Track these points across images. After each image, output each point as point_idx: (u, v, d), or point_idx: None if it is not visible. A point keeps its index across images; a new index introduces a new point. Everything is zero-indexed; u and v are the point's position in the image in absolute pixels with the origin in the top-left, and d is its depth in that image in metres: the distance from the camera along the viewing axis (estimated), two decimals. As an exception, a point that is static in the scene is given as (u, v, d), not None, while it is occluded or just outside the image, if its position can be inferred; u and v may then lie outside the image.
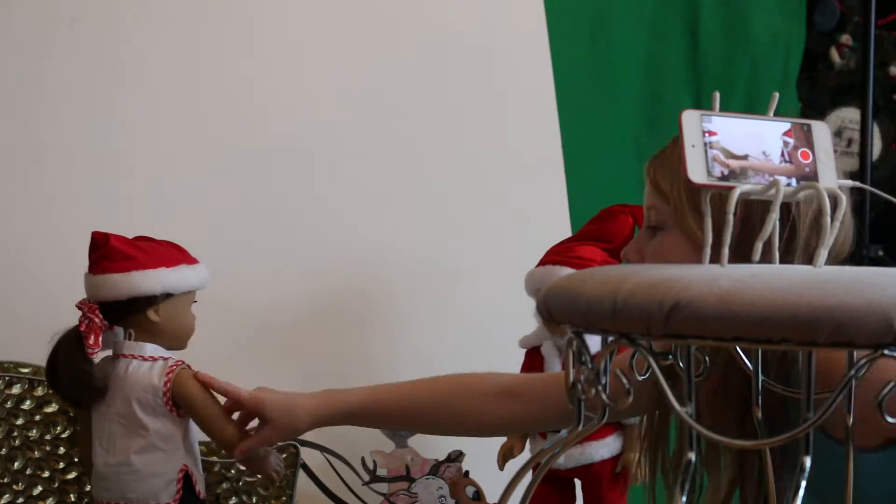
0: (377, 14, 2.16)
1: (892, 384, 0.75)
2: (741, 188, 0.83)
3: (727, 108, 0.87)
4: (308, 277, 2.06)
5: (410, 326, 2.12)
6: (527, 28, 2.29)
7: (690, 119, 0.84)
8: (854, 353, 0.74)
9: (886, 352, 0.70)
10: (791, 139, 0.88)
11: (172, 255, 1.57)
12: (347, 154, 2.10)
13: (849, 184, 0.92)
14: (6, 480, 1.66)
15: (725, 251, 0.83)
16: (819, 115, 3.04)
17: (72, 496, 1.70)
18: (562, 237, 1.84)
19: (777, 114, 0.90)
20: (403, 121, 2.16)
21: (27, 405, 1.67)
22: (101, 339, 1.51)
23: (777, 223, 0.87)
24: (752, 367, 0.88)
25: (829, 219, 0.83)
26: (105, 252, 1.54)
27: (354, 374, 2.06)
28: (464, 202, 2.18)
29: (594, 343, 1.03)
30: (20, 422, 1.67)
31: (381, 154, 2.13)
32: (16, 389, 1.67)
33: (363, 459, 1.87)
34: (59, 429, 1.69)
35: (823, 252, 0.82)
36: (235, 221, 2.01)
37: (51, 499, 1.69)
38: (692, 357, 0.84)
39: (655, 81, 2.68)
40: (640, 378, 0.85)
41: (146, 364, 1.53)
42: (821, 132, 0.89)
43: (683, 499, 0.78)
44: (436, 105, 2.19)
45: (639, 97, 2.67)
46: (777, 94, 0.93)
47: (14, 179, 1.89)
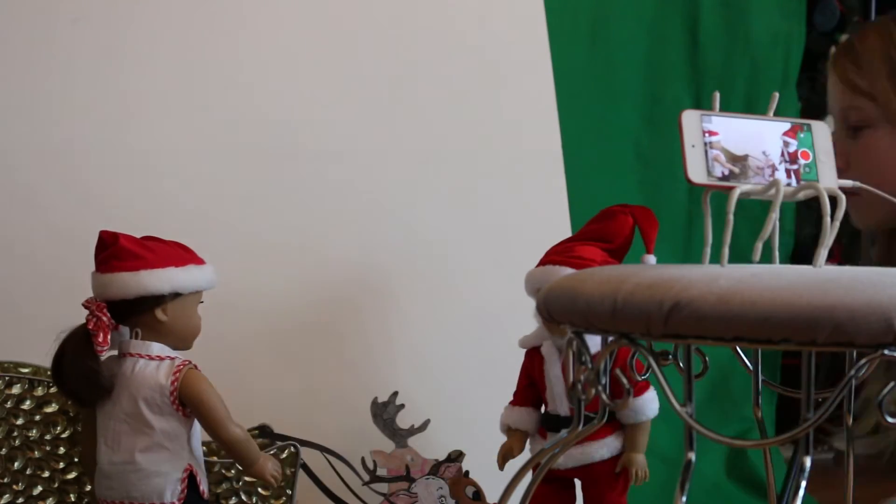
0: (377, 14, 2.16)
1: (893, 384, 0.75)
2: (741, 188, 0.83)
3: (727, 108, 0.87)
4: (308, 278, 2.05)
5: (410, 326, 2.12)
6: (527, 28, 2.29)
7: (690, 119, 0.85)
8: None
9: (886, 352, 0.70)
10: (791, 139, 0.88)
11: (180, 255, 1.57)
12: (348, 154, 2.10)
13: (849, 184, 0.92)
14: (6, 480, 1.66)
15: (726, 251, 0.83)
16: (819, 115, 3.04)
17: (72, 496, 1.70)
18: (562, 237, 1.83)
19: (777, 114, 0.90)
20: (403, 121, 2.16)
21: (27, 405, 1.67)
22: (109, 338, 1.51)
23: (777, 223, 0.87)
24: (753, 368, 0.88)
25: (830, 219, 0.83)
26: (114, 251, 1.54)
27: (355, 374, 2.06)
28: (463, 202, 2.18)
29: (594, 343, 1.04)
30: (20, 422, 1.67)
31: (381, 154, 2.13)
32: (16, 389, 1.67)
33: (363, 459, 1.87)
34: (59, 429, 1.69)
35: (823, 252, 0.82)
36: (236, 222, 2.01)
37: (51, 499, 1.69)
38: (692, 357, 0.84)
39: (655, 81, 2.68)
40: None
41: (153, 363, 1.54)
42: (821, 132, 0.89)
43: (683, 499, 0.78)
44: (435, 105, 2.19)
45: (639, 97, 2.66)
46: (777, 94, 0.93)
47: (14, 178, 1.89)
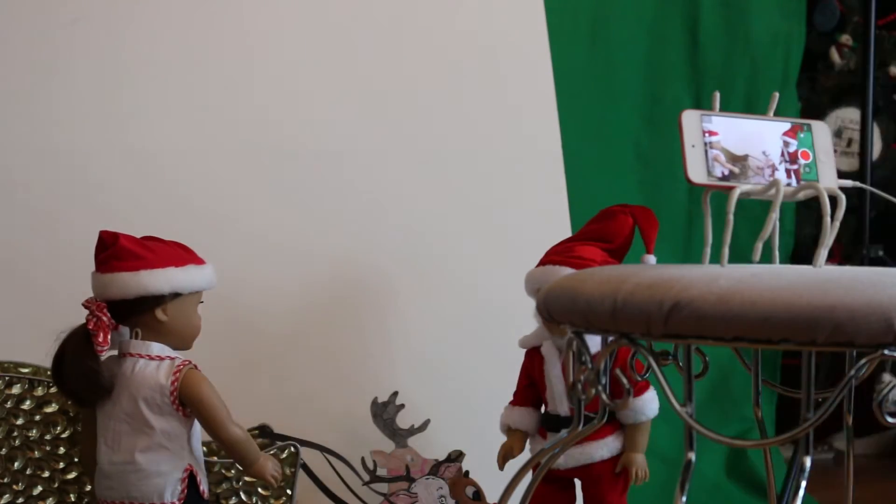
0: (377, 14, 2.16)
1: (893, 384, 0.75)
2: (741, 188, 0.83)
3: (727, 108, 0.87)
4: (308, 278, 2.05)
5: (410, 326, 2.12)
6: (527, 28, 2.29)
7: (690, 119, 0.85)
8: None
9: (886, 352, 0.70)
10: (791, 139, 0.88)
11: (180, 255, 1.57)
12: (348, 154, 2.10)
13: (849, 184, 0.92)
14: (6, 480, 1.66)
15: (726, 251, 0.83)
16: (819, 115, 3.05)
17: (72, 496, 1.70)
18: (562, 237, 1.83)
19: (777, 114, 0.91)
20: (403, 121, 2.16)
21: (27, 405, 1.67)
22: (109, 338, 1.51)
23: (777, 223, 0.87)
24: (753, 368, 0.88)
25: (830, 219, 0.83)
26: (114, 251, 1.54)
27: (355, 374, 2.06)
28: (463, 202, 2.18)
29: (594, 343, 1.04)
30: (20, 422, 1.67)
31: (381, 154, 2.13)
32: (16, 389, 1.67)
33: (363, 459, 1.87)
34: (59, 429, 1.69)
35: (823, 252, 0.82)
36: (236, 222, 2.01)
37: (51, 499, 1.69)
38: (692, 357, 0.84)
39: (655, 81, 2.68)
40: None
41: (153, 363, 1.54)
42: (821, 132, 0.89)
43: (683, 499, 0.78)
44: (435, 105, 2.19)
45: (639, 97, 2.67)
46: (777, 94, 0.93)
47: (14, 178, 1.89)
